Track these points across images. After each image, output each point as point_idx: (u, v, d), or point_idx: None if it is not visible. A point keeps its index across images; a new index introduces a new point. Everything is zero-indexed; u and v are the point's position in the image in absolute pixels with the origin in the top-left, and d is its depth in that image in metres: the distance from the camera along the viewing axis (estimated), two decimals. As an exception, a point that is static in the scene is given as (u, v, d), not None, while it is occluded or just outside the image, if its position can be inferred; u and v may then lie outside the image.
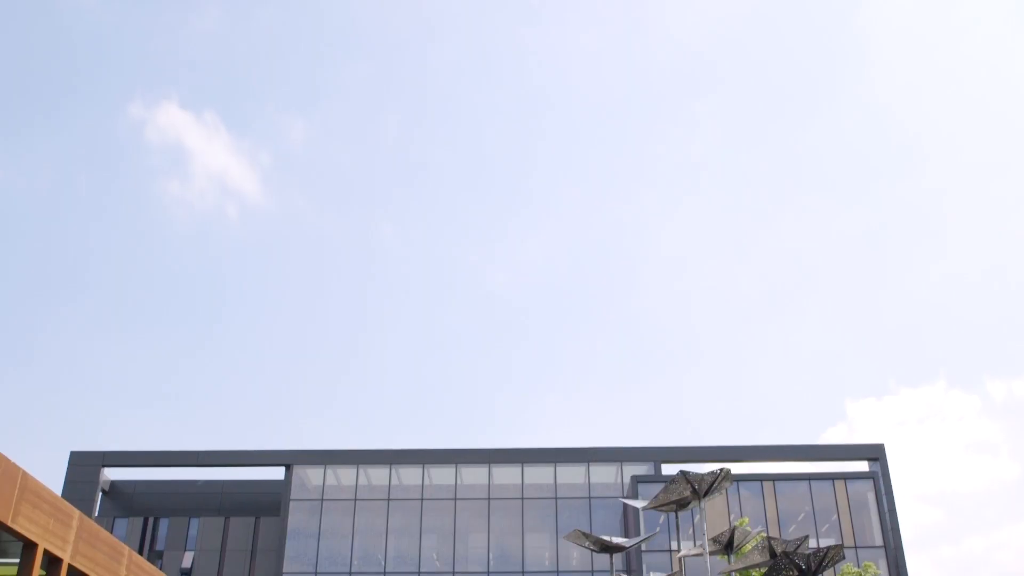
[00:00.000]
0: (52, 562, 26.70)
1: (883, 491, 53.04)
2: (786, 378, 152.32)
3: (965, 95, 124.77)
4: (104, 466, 56.41)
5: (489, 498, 55.05)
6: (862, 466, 55.61)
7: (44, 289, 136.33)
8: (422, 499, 55.01)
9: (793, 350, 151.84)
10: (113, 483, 58.17)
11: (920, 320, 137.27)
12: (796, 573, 20.79)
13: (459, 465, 55.98)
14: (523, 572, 52.79)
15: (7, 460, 23.97)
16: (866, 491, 53.40)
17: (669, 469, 54.12)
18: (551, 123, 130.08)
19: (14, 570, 28.33)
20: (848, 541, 50.83)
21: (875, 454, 54.97)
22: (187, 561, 55.00)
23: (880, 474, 53.83)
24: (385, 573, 52.98)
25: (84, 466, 55.84)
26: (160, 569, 42.60)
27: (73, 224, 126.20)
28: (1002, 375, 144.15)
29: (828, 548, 20.38)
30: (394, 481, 55.61)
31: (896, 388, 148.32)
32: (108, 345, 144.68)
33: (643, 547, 49.34)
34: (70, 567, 27.31)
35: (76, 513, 27.68)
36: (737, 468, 51.99)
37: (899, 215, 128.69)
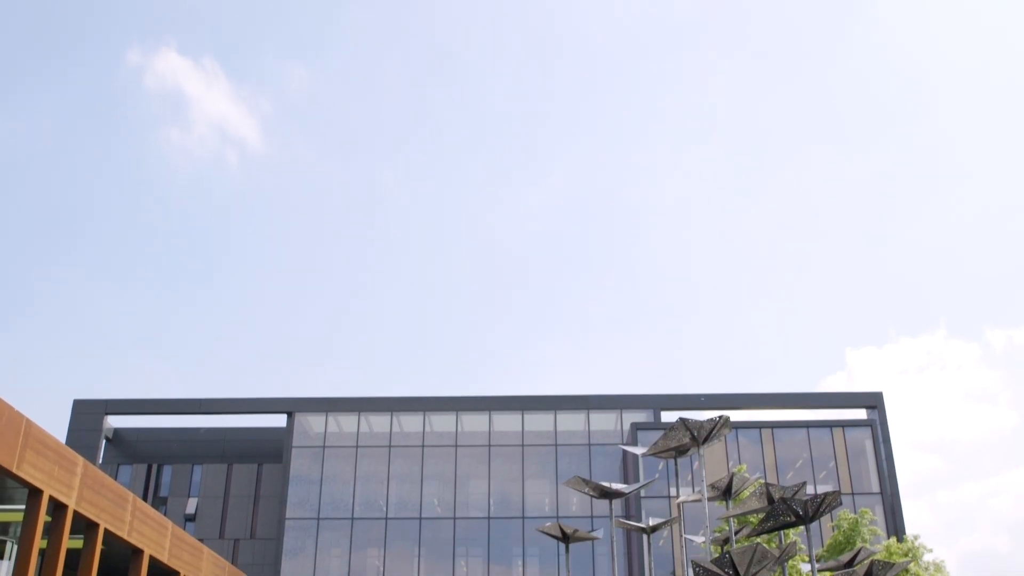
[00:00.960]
0: (57, 508, 26.99)
1: (881, 439, 53.41)
2: (787, 326, 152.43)
3: (975, 44, 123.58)
4: (107, 414, 56.77)
5: (489, 445, 55.48)
6: (860, 414, 55.96)
7: (45, 238, 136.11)
8: (423, 446, 55.44)
9: (794, 299, 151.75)
10: (116, 431, 58.57)
11: (922, 269, 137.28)
12: (793, 519, 20.99)
13: (459, 412, 56.33)
14: (523, 518, 53.34)
15: (11, 408, 24.13)
16: (864, 439, 53.78)
17: (668, 416, 54.48)
18: (558, 69, 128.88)
19: (20, 516, 28.64)
20: (845, 488, 51.30)
21: (873, 402, 55.28)
22: (191, 507, 55.59)
23: (878, 422, 54.16)
24: (387, 518, 53.54)
25: (87, 414, 56.20)
26: (164, 515, 43.10)
27: (73, 172, 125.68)
28: (1002, 324, 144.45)
29: (825, 494, 20.56)
30: (395, 428, 56.01)
31: (896, 337, 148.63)
32: (110, 293, 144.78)
33: (642, 493, 49.81)
34: (75, 513, 27.62)
35: (80, 460, 27.92)
36: (736, 416, 52.35)
37: (903, 164, 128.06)
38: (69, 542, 28.07)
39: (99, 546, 29.32)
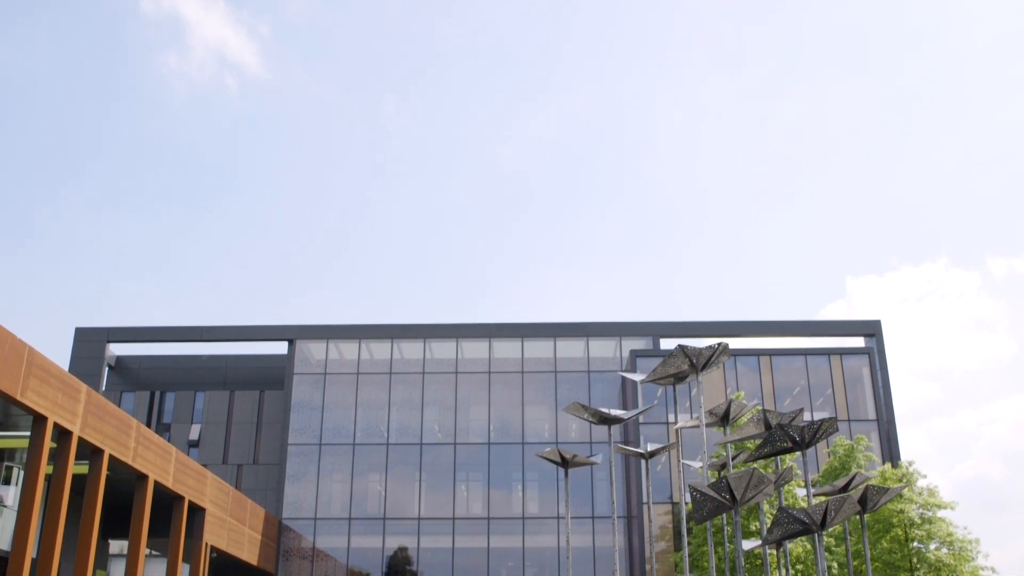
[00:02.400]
0: (62, 435, 27.29)
1: (878, 366, 53.72)
2: (788, 254, 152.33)
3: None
4: (109, 342, 57.06)
5: (489, 372, 55.85)
6: (859, 342, 56.23)
7: (45, 166, 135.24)
8: (423, 373, 55.82)
9: (796, 227, 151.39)
10: (119, 358, 58.91)
11: (925, 197, 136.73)
12: (790, 444, 21.21)
13: (460, 339, 56.61)
14: (523, 443, 53.92)
15: (13, 336, 24.24)
16: (861, 367, 54.10)
17: (667, 344, 54.74)
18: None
19: (25, 443, 28.95)
20: (842, 415, 51.74)
21: (871, 330, 55.50)
22: (194, 433, 56.19)
23: (876, 350, 54.43)
24: (388, 444, 54.14)
25: (89, 342, 56.48)
26: (168, 441, 43.57)
27: (72, 99, 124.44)
28: (1003, 253, 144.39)
29: (822, 421, 20.74)
30: (396, 355, 56.34)
31: (898, 265, 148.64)
32: (111, 221, 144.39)
33: (641, 419, 50.29)
34: (80, 439, 27.93)
35: (83, 387, 28.15)
36: (735, 343, 52.62)
37: (908, 92, 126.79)
38: (75, 468, 28.45)
39: (104, 471, 29.70)
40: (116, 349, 58.72)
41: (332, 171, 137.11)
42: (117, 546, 48.47)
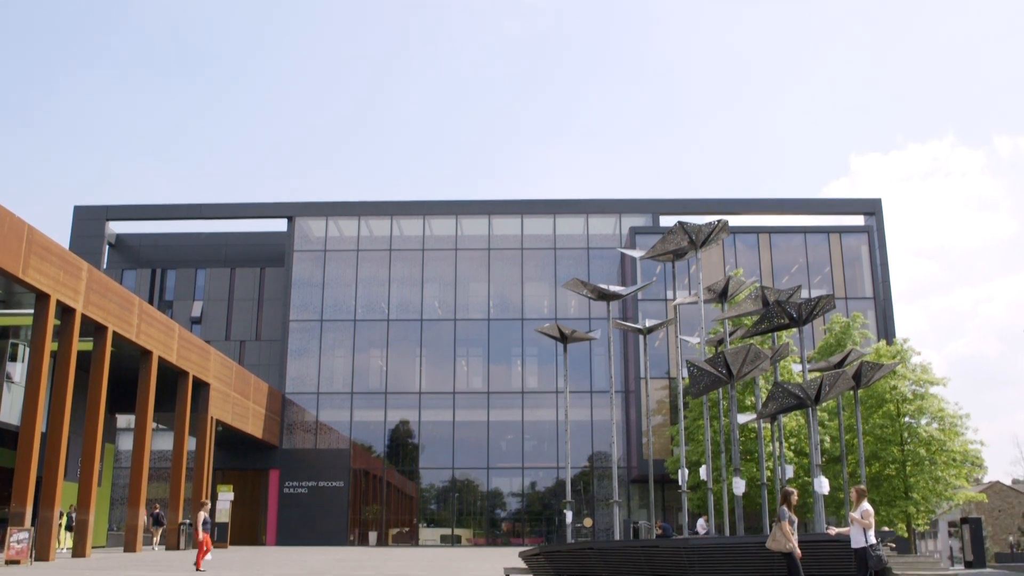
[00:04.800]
0: (65, 312, 27.52)
1: (877, 245, 53.75)
2: (792, 131, 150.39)
3: None
4: (109, 220, 56.95)
5: (489, 248, 55.93)
6: (859, 220, 56.14)
7: (44, 45, 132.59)
8: (423, 250, 55.91)
9: (801, 103, 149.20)
10: (119, 236, 58.91)
11: (934, 74, 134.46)
12: (787, 321, 21.37)
13: (459, 216, 56.52)
14: (522, 319, 54.39)
15: (12, 215, 24.21)
16: (860, 245, 54.12)
17: (667, 221, 54.71)
18: None
19: (30, 320, 29.22)
20: (840, 293, 51.99)
21: (872, 208, 55.34)
22: (196, 310, 56.60)
23: (875, 228, 54.36)
24: (388, 320, 54.61)
25: (89, 220, 56.39)
26: (170, 318, 43.95)
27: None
28: (1010, 131, 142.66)
29: (819, 298, 20.84)
30: (395, 232, 56.33)
31: (903, 143, 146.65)
32: (110, 98, 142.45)
33: (639, 296, 50.57)
34: (83, 316, 28.18)
35: (85, 265, 28.25)
36: (735, 221, 52.61)
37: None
38: (80, 345, 28.79)
39: (108, 348, 30.07)
40: (116, 228, 58.66)
41: (331, 45, 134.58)
42: (124, 420, 49.46)
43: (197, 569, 23.19)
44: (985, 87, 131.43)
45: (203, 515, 24.88)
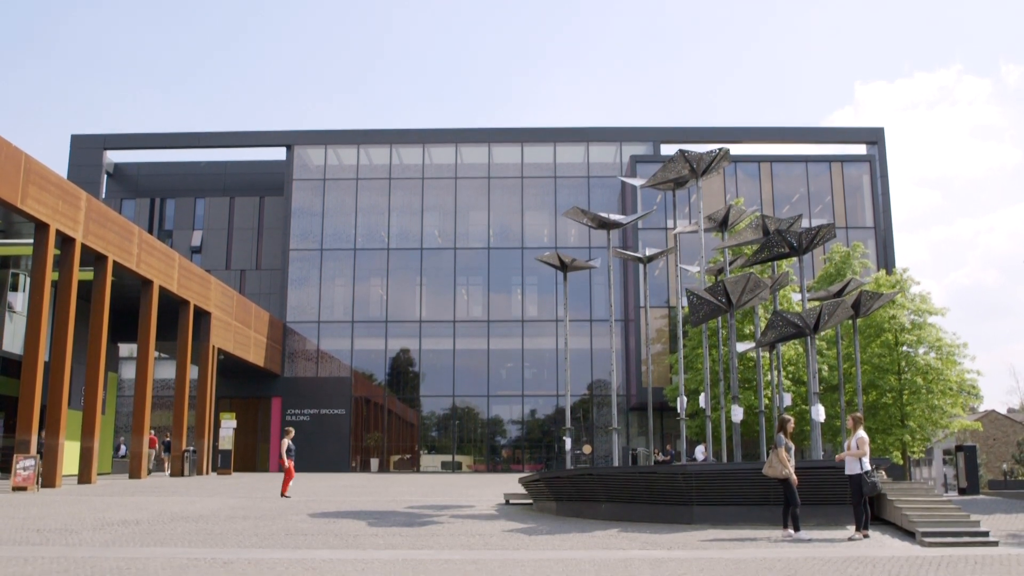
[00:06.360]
0: (65, 241, 27.51)
1: (878, 174, 53.51)
2: (796, 59, 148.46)
3: None
4: (106, 149, 56.62)
5: (489, 177, 55.69)
6: (861, 149, 55.78)
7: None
8: (423, 178, 55.67)
9: (805, 29, 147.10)
10: (117, 166, 58.62)
11: (941, 0, 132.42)
12: (787, 250, 21.33)
13: (459, 144, 56.20)
14: (522, 248, 54.37)
15: (9, 144, 24.05)
16: (862, 174, 53.88)
17: (668, 149, 54.38)
18: None
19: (30, 250, 29.22)
20: (840, 222, 51.89)
21: (874, 137, 54.97)
22: (196, 240, 56.57)
23: (877, 157, 54.07)
24: (388, 249, 54.60)
25: (86, 149, 56.06)
26: (170, 247, 43.97)
27: None
28: (1018, 60, 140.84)
29: (819, 227, 20.78)
30: (395, 160, 56.04)
31: (910, 71, 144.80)
32: (107, 27, 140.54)
33: (639, 224, 50.51)
34: (83, 246, 28.17)
35: (83, 194, 28.16)
36: (736, 149, 52.29)
37: None
38: (80, 274, 28.83)
39: (109, 277, 30.12)
40: (114, 157, 58.34)
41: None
42: (127, 349, 49.74)
43: (283, 495, 23.88)
44: (994, 14, 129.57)
45: (287, 442, 25.08)
